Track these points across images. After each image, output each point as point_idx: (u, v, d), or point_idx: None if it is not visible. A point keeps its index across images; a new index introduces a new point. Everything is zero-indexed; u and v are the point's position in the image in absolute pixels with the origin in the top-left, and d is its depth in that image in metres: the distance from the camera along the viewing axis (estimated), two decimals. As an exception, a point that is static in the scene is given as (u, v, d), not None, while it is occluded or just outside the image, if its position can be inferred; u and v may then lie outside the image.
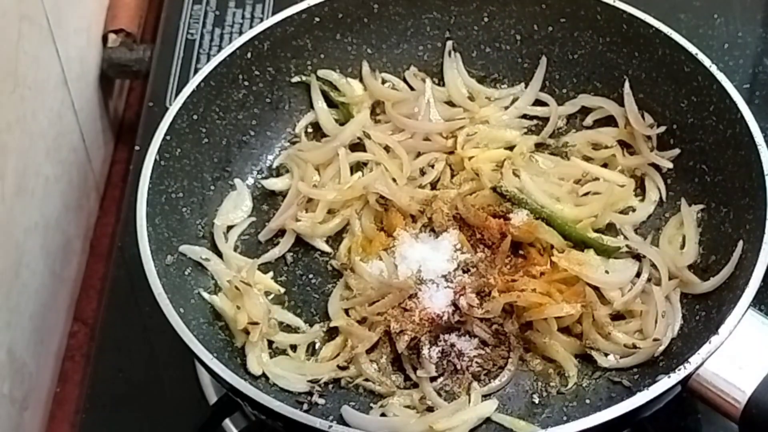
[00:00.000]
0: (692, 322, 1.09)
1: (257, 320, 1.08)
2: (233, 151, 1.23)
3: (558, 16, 1.25)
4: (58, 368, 1.32)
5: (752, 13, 1.51)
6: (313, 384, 1.07)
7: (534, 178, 1.19)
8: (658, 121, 1.21)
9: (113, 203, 1.47)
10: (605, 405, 0.96)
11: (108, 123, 1.53)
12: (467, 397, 1.06)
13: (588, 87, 1.27)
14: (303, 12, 1.23)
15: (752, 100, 1.40)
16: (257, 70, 1.23)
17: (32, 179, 1.25)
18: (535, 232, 1.12)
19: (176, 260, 1.11)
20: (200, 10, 1.55)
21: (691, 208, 1.16)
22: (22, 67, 1.22)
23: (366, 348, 1.08)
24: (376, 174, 1.19)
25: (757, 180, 1.07)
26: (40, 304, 1.27)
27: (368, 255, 1.15)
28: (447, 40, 1.29)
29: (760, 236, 1.03)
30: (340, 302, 1.13)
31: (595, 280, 1.10)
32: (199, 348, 0.99)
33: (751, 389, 0.97)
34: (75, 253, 1.40)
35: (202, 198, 1.18)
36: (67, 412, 1.28)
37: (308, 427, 0.94)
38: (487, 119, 1.26)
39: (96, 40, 1.51)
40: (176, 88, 1.44)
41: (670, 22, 1.20)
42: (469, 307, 1.08)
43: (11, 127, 1.18)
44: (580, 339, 1.09)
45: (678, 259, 1.13)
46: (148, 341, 1.23)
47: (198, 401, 1.17)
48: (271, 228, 1.20)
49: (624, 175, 1.21)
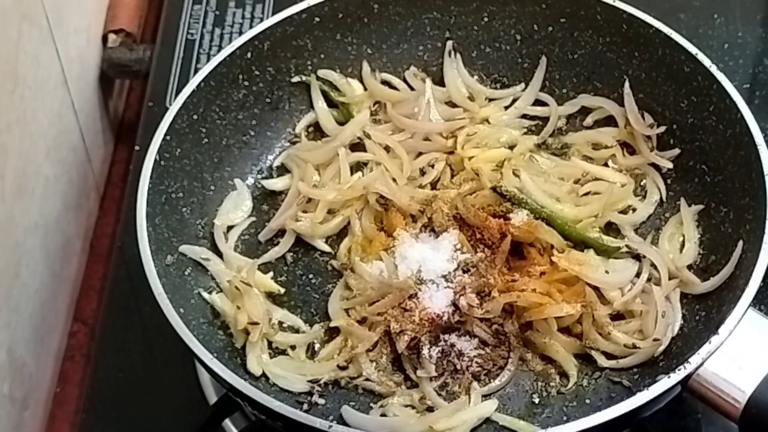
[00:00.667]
0: (692, 322, 1.09)
1: (257, 320, 1.08)
2: (233, 151, 1.23)
3: (558, 16, 1.25)
4: (58, 368, 1.32)
5: (752, 13, 1.51)
6: (313, 384, 1.07)
7: (534, 178, 1.19)
8: (658, 121, 1.21)
9: (113, 203, 1.47)
10: (605, 405, 0.96)
11: (108, 123, 1.53)
12: (467, 397, 1.06)
13: (588, 87, 1.27)
14: (303, 12, 1.23)
15: (752, 100, 1.40)
16: (257, 70, 1.23)
17: (32, 179, 1.25)
18: (535, 232, 1.12)
19: (176, 260, 1.11)
20: (200, 10, 1.55)
21: (690, 208, 1.16)
22: (22, 67, 1.22)
23: (366, 348, 1.08)
24: (376, 174, 1.19)
25: (757, 180, 1.07)
26: (40, 304, 1.27)
27: (368, 255, 1.15)
28: (447, 40, 1.29)
29: (760, 236, 1.03)
30: (340, 302, 1.13)
31: (595, 280, 1.10)
32: (199, 348, 0.99)
33: (751, 389, 0.97)
34: (75, 253, 1.40)
35: (202, 198, 1.18)
36: (67, 412, 1.28)
37: (308, 427, 0.94)
38: (487, 119, 1.26)
39: (96, 40, 1.51)
40: (176, 88, 1.44)
41: (670, 22, 1.20)
42: (469, 307, 1.08)
43: (11, 127, 1.18)
44: (580, 339, 1.09)
45: (678, 259, 1.13)
46: (148, 341, 1.23)
47: (198, 401, 1.17)
48: (271, 228, 1.20)
49: (624, 175, 1.21)
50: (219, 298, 1.12)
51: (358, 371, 1.08)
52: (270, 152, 1.26)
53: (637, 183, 1.21)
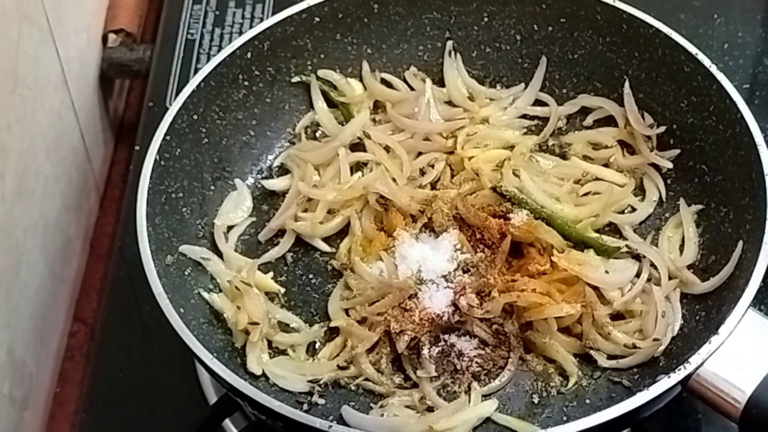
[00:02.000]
0: (692, 322, 1.09)
1: (257, 320, 1.08)
2: (233, 151, 1.23)
3: (558, 16, 1.25)
4: (58, 368, 1.32)
5: (752, 13, 1.51)
6: (313, 384, 1.07)
7: (534, 178, 1.19)
8: (658, 121, 1.21)
9: (113, 203, 1.47)
10: (605, 405, 0.96)
11: (108, 123, 1.53)
12: (467, 397, 1.06)
13: (588, 87, 1.27)
14: (303, 12, 1.23)
15: (752, 100, 1.40)
16: (257, 70, 1.23)
17: (32, 179, 1.25)
18: (535, 232, 1.12)
19: (176, 260, 1.11)
20: (200, 10, 1.55)
21: (690, 208, 1.16)
22: (22, 67, 1.22)
23: (366, 348, 1.08)
24: (376, 174, 1.19)
25: (757, 180, 1.07)
26: (40, 304, 1.27)
27: (368, 255, 1.15)
28: (447, 40, 1.29)
29: (760, 236, 1.03)
30: (340, 302, 1.13)
31: (595, 280, 1.10)
32: (199, 348, 0.99)
33: (751, 389, 0.97)
34: (75, 253, 1.40)
35: (202, 198, 1.18)
36: (67, 412, 1.28)
37: (308, 427, 0.94)
38: (487, 119, 1.26)
39: (96, 40, 1.51)
40: (176, 88, 1.44)
41: (670, 22, 1.20)
42: (469, 307, 1.08)
43: (11, 127, 1.18)
44: (580, 339, 1.09)
45: (678, 259, 1.13)
46: (148, 341, 1.24)
47: (198, 401, 1.17)
48: (271, 228, 1.20)
49: (624, 175, 1.21)
50: (219, 298, 1.12)
51: (358, 371, 1.08)
52: (270, 152, 1.26)
53: (637, 183, 1.21)
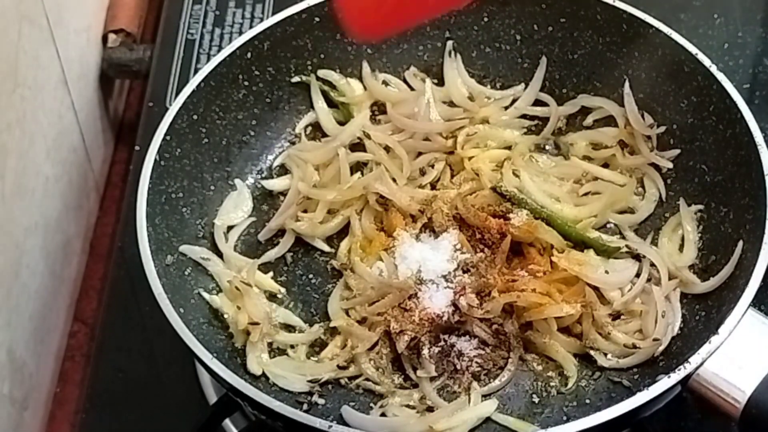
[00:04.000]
0: (692, 322, 1.09)
1: (257, 320, 1.08)
2: (233, 151, 1.23)
3: (558, 16, 1.25)
4: (58, 368, 1.32)
5: (752, 13, 1.51)
6: (313, 384, 1.07)
7: (534, 178, 1.19)
8: (658, 121, 1.21)
9: (113, 203, 1.47)
10: (605, 405, 0.96)
11: (108, 123, 1.53)
12: (467, 397, 1.06)
13: (588, 87, 1.27)
14: (303, 12, 1.23)
15: (752, 100, 1.40)
16: (257, 70, 1.23)
17: (32, 179, 1.25)
18: (535, 232, 1.12)
19: (176, 260, 1.11)
20: (200, 10, 1.55)
21: (690, 207, 1.16)
22: (22, 67, 1.22)
23: (366, 348, 1.08)
24: (376, 174, 1.19)
25: (757, 180, 1.07)
26: (40, 304, 1.27)
27: (368, 255, 1.15)
28: (447, 40, 1.29)
29: (760, 236, 1.03)
30: (340, 302, 1.13)
31: (595, 280, 1.10)
32: (199, 348, 0.99)
33: (751, 389, 0.97)
34: (75, 253, 1.40)
35: (202, 198, 1.18)
36: (67, 412, 1.28)
37: (308, 427, 0.94)
38: (487, 119, 1.26)
39: (96, 40, 1.51)
40: (176, 88, 1.44)
41: (670, 22, 1.20)
42: (469, 307, 1.08)
43: (11, 127, 1.18)
44: (580, 339, 1.09)
45: (677, 259, 1.13)
46: (148, 341, 1.24)
47: (198, 401, 1.17)
48: (271, 228, 1.20)
49: (624, 175, 1.21)
50: (219, 298, 1.12)
51: (358, 371, 1.08)
52: (270, 152, 1.26)
53: (637, 183, 1.21)
